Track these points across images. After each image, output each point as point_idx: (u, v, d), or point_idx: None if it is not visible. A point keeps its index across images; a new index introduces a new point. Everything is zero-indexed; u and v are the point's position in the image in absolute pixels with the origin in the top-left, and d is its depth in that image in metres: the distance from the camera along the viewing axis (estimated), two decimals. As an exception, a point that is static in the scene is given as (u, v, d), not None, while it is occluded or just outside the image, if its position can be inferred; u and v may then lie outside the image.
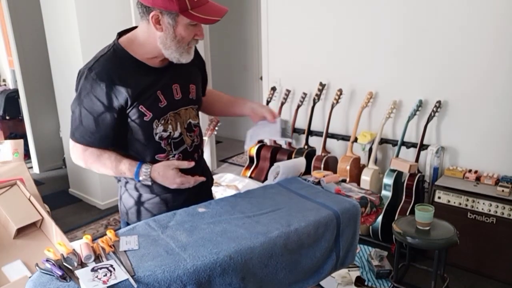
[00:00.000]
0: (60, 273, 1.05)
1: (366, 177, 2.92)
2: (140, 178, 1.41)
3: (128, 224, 1.54)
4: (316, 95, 3.32)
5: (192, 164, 1.46)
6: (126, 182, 1.54)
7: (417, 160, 2.85)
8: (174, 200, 1.54)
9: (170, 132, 1.46)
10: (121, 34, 1.46)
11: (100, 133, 1.38)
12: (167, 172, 1.40)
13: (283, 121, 1.60)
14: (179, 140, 1.50)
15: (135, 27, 1.45)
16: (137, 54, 1.40)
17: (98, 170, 1.45)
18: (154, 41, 1.35)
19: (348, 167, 2.97)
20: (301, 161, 1.85)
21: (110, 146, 1.43)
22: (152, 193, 1.53)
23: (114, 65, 1.37)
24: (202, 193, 1.60)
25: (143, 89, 1.38)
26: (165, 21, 1.30)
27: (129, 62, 1.39)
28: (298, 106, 3.43)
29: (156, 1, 1.26)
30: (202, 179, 1.45)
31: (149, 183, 1.44)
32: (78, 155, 1.44)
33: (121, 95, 1.35)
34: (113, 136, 1.41)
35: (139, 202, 1.55)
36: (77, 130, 1.40)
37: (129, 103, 1.37)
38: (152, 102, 1.40)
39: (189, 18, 1.28)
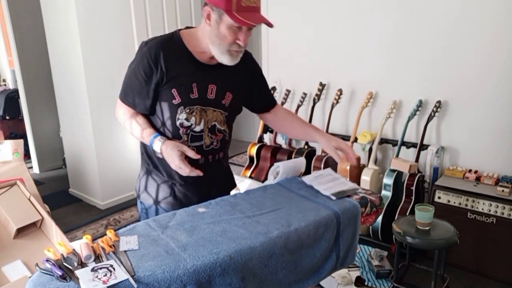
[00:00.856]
0: (60, 273, 1.05)
1: (366, 177, 2.92)
2: (154, 146, 1.51)
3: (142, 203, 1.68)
4: (316, 95, 3.32)
5: (198, 156, 1.50)
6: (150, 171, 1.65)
7: (417, 160, 2.85)
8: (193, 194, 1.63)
9: (192, 124, 1.53)
10: (187, 28, 1.59)
11: (138, 99, 1.52)
12: (173, 151, 1.46)
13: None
14: (199, 135, 1.57)
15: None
16: (190, 45, 1.51)
17: (129, 130, 1.58)
18: (206, 36, 1.47)
19: (348, 167, 2.97)
20: (301, 161, 1.84)
21: (145, 112, 1.56)
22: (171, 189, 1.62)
23: (166, 46, 1.49)
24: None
25: (181, 74, 1.50)
26: (213, 17, 1.40)
27: (180, 49, 1.51)
28: (298, 106, 3.43)
29: None
30: (199, 172, 1.47)
31: (159, 155, 1.53)
32: (118, 112, 1.60)
33: (161, 73, 1.48)
34: (147, 106, 1.53)
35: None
36: (123, 90, 1.56)
37: (164, 81, 1.49)
38: (184, 90, 1.50)
39: (230, 17, 1.36)
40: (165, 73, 1.47)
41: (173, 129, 1.53)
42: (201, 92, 1.52)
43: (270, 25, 1.43)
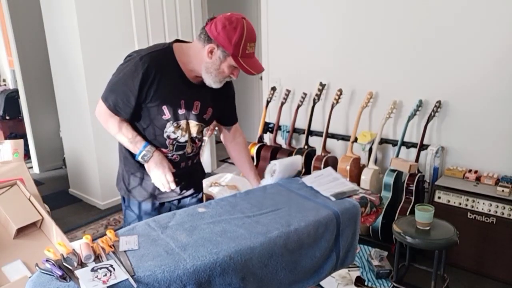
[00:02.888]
0: (60, 273, 1.05)
1: (366, 177, 2.92)
2: (142, 154, 1.61)
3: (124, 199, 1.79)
4: (316, 95, 3.32)
5: (173, 170, 1.67)
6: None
7: (417, 160, 2.85)
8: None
9: (178, 136, 1.66)
10: (177, 40, 1.67)
11: (122, 106, 1.58)
12: (164, 162, 1.63)
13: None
14: (182, 145, 1.71)
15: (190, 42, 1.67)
16: (181, 62, 1.60)
17: (114, 134, 1.64)
18: (200, 62, 1.56)
19: (348, 167, 2.97)
20: (297, 159, 1.89)
21: (125, 118, 1.63)
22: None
23: (160, 64, 1.56)
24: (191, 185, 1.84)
25: (171, 92, 1.59)
26: (217, 54, 1.51)
27: (172, 66, 1.59)
28: (298, 106, 3.43)
29: (219, 37, 1.48)
30: (174, 188, 1.65)
31: (144, 162, 1.63)
32: (104, 118, 1.63)
33: (152, 90, 1.56)
34: (128, 114, 1.61)
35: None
36: (111, 97, 1.59)
37: (153, 98, 1.57)
38: (174, 107, 1.61)
39: (236, 63, 1.51)
40: (156, 91, 1.56)
41: (161, 139, 1.65)
42: (188, 108, 1.65)
43: (262, 68, 1.60)
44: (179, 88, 1.61)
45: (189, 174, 1.81)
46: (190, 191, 1.84)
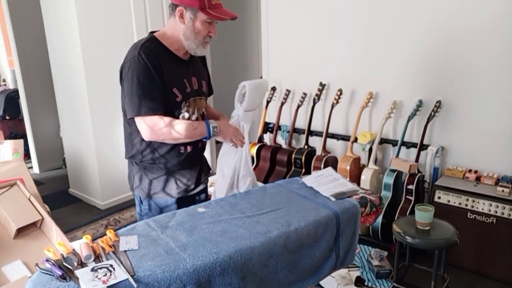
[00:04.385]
0: (60, 273, 1.05)
1: (366, 177, 2.92)
2: (212, 131, 1.69)
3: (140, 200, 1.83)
4: (316, 95, 3.32)
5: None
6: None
7: (417, 160, 2.85)
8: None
9: (190, 115, 1.73)
10: (151, 32, 1.73)
11: (163, 104, 1.62)
12: (227, 125, 1.78)
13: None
14: None
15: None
16: (168, 45, 1.67)
17: (170, 134, 1.64)
18: (178, 34, 1.64)
19: (348, 167, 2.97)
20: (265, 81, 2.09)
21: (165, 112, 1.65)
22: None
23: (155, 51, 1.62)
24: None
25: (176, 74, 1.67)
26: (187, 16, 1.60)
27: (165, 51, 1.66)
28: (298, 106, 3.43)
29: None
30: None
31: (217, 133, 1.72)
32: (155, 133, 1.63)
33: (164, 74, 1.61)
34: (164, 105, 1.63)
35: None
36: (145, 105, 1.59)
37: (166, 83, 1.62)
38: (181, 87, 1.68)
39: (206, 15, 1.59)
40: (166, 75, 1.62)
41: None
42: (190, 85, 1.73)
43: (235, 17, 1.64)
44: (178, 69, 1.69)
45: (202, 157, 1.89)
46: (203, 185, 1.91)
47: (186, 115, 1.71)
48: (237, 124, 1.84)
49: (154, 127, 1.61)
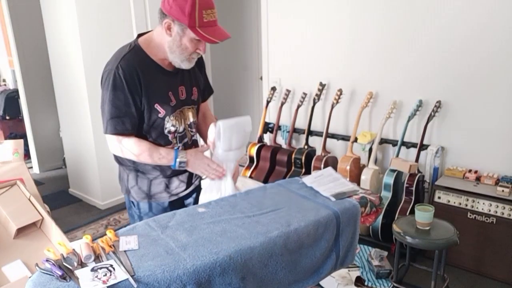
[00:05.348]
0: (60, 273, 1.05)
1: (366, 177, 2.92)
2: (178, 163, 1.59)
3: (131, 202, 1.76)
4: (316, 95, 3.32)
5: (207, 148, 1.67)
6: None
7: (417, 160, 2.85)
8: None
9: (177, 128, 1.65)
10: (140, 35, 1.63)
11: (134, 123, 1.55)
12: (198, 155, 1.62)
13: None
14: (183, 134, 1.70)
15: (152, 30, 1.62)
16: (152, 54, 1.57)
17: (137, 157, 1.60)
18: (164, 44, 1.53)
19: (348, 167, 2.97)
20: (245, 118, 1.69)
21: (136, 132, 1.59)
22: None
23: (136, 63, 1.53)
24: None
25: (158, 88, 1.57)
26: (174, 29, 1.48)
27: (147, 62, 1.56)
28: (298, 106, 3.43)
29: (172, 11, 1.45)
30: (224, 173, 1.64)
31: (184, 167, 1.61)
32: (115, 146, 1.59)
33: (141, 91, 1.53)
34: (136, 125, 1.57)
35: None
36: (113, 124, 1.53)
37: (145, 99, 1.54)
38: (164, 101, 1.59)
39: (194, 33, 1.46)
40: (144, 91, 1.54)
41: (164, 137, 1.64)
42: (176, 97, 1.63)
43: (227, 35, 1.52)
44: (162, 81, 1.58)
45: None
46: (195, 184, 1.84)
47: (172, 129, 1.63)
48: (220, 162, 1.66)
49: (120, 147, 1.57)
